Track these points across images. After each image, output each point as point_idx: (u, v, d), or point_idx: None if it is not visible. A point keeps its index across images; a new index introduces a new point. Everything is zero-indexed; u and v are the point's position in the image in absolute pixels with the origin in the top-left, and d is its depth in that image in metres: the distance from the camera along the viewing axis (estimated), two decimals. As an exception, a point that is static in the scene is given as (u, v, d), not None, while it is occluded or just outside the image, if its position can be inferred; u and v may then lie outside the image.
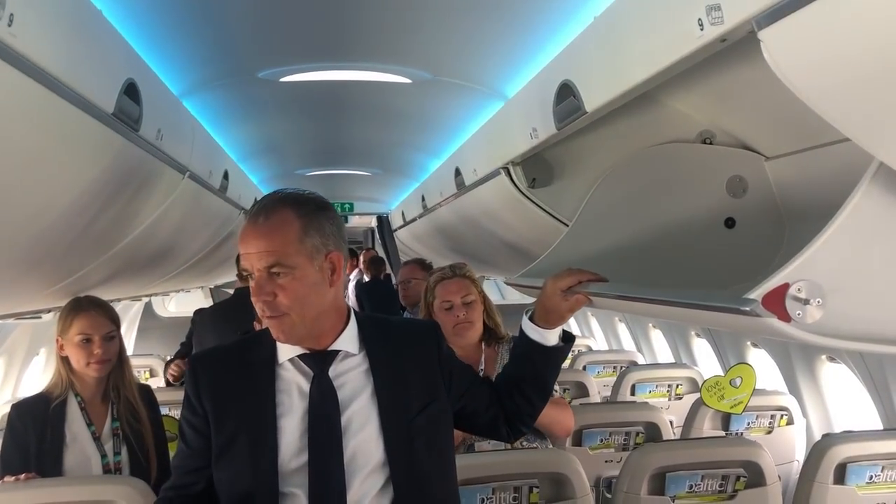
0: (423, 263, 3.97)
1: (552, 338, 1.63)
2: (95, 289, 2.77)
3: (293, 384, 1.45)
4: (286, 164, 5.57)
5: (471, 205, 3.86)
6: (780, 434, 3.08)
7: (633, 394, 3.70)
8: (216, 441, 1.44)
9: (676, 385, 3.76)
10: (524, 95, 2.66)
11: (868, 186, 1.21)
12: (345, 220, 6.80)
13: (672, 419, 3.20)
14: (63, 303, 2.34)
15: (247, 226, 1.40)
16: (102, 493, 1.93)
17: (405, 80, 2.98)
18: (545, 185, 2.74)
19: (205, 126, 3.35)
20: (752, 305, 1.20)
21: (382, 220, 8.38)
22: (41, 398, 2.21)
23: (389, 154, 5.13)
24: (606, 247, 2.21)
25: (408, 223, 6.73)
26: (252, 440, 1.41)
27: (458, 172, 3.79)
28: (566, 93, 2.07)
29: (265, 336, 1.46)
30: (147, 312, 7.24)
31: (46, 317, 2.85)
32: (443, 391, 1.53)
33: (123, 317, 5.01)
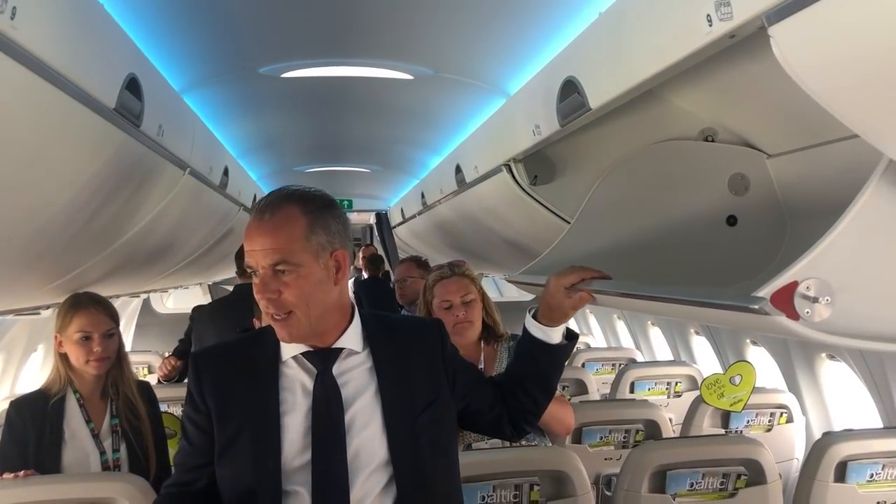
0: (419, 261, 3.95)
1: (556, 335, 1.62)
2: (94, 285, 2.76)
3: (297, 382, 1.44)
4: (285, 161, 5.56)
5: (471, 202, 3.85)
6: (780, 432, 3.08)
7: (633, 391, 3.69)
8: (219, 438, 1.43)
9: (676, 383, 3.76)
10: (527, 92, 2.65)
11: (877, 184, 1.20)
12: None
13: (671, 417, 3.19)
14: (62, 299, 2.33)
15: (252, 222, 1.39)
16: (101, 491, 1.92)
17: (407, 77, 2.97)
18: (547, 182, 2.74)
19: (205, 122, 3.33)
20: (761, 304, 1.20)
21: (381, 217, 8.38)
22: (40, 395, 2.20)
23: (390, 151, 5.12)
24: (608, 244, 2.21)
25: (407, 220, 6.73)
26: (255, 438, 1.41)
27: (459, 169, 3.79)
28: (570, 89, 2.06)
29: (268, 333, 1.45)
30: (145, 309, 7.23)
31: (45, 313, 2.83)
32: (446, 389, 1.52)
33: (122, 313, 4.99)
